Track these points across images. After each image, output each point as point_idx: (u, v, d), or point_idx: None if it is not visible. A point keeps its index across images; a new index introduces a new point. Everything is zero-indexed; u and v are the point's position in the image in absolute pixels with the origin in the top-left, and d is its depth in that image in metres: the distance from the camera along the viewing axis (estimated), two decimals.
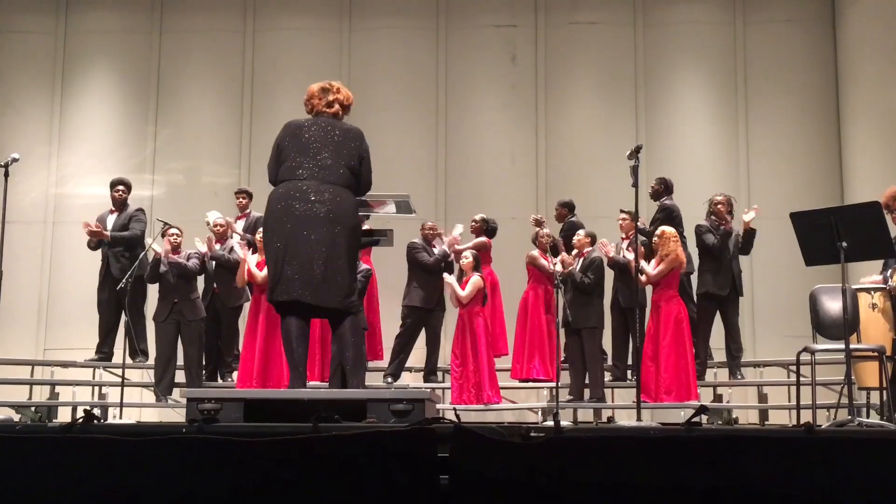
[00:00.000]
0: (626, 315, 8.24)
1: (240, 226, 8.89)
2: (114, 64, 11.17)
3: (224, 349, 8.54)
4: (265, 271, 7.87)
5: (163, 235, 8.19)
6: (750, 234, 8.29)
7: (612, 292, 8.51)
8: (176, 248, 8.12)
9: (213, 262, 8.40)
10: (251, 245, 8.22)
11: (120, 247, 8.53)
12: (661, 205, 8.55)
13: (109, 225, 8.61)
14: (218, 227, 8.54)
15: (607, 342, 8.53)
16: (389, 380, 8.45)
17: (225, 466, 2.81)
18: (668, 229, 7.98)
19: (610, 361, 8.52)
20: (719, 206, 8.36)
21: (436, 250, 8.58)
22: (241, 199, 9.12)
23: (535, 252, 8.80)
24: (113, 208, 8.75)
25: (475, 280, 8.14)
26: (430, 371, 8.69)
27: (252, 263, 7.95)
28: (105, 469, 2.84)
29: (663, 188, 8.67)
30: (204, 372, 8.38)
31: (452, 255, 8.65)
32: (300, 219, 4.59)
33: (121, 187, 8.76)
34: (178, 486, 2.81)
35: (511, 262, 9.14)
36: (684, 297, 8.16)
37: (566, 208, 9.19)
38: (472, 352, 8.04)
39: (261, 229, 8.04)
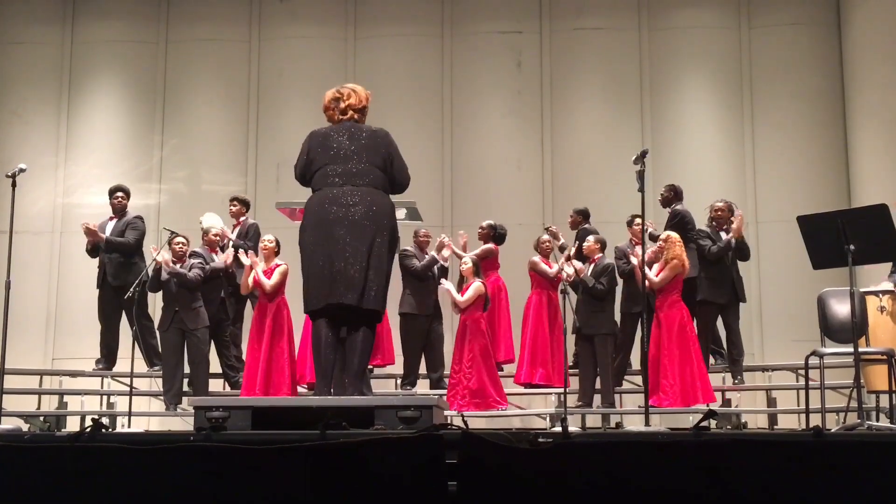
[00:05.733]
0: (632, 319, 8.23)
1: (235, 234, 8.84)
2: (120, 74, 11.20)
3: (219, 358, 8.55)
4: (273, 279, 7.94)
5: (170, 244, 8.21)
6: (739, 241, 8.23)
7: (620, 297, 8.48)
8: (180, 257, 8.12)
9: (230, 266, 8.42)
10: (245, 251, 8.22)
11: (115, 253, 8.54)
12: (673, 211, 8.49)
13: (108, 231, 8.61)
14: (216, 237, 8.56)
15: None
16: (408, 388, 8.49)
17: (233, 474, 2.81)
18: (674, 234, 7.93)
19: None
20: (719, 212, 8.34)
21: (427, 257, 8.58)
22: (234, 206, 8.96)
23: (537, 258, 8.78)
24: (112, 215, 8.77)
25: (476, 286, 8.06)
26: (435, 380, 8.64)
27: (259, 271, 7.94)
28: (113, 478, 2.84)
29: (673, 195, 8.60)
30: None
31: (446, 262, 8.65)
32: (336, 223, 4.64)
33: (119, 194, 8.80)
34: (186, 495, 2.81)
35: (518, 267, 9.10)
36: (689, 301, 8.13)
37: (580, 216, 9.09)
38: (471, 358, 8.01)
39: (265, 237, 8.14)
